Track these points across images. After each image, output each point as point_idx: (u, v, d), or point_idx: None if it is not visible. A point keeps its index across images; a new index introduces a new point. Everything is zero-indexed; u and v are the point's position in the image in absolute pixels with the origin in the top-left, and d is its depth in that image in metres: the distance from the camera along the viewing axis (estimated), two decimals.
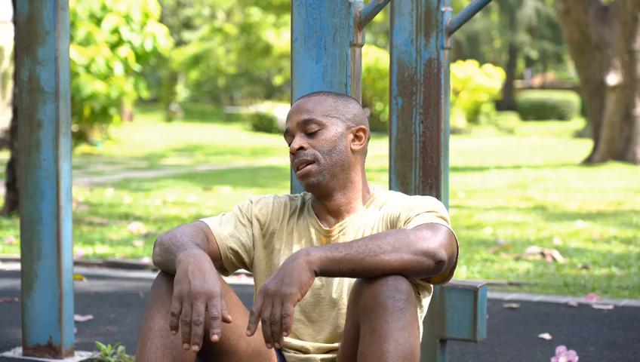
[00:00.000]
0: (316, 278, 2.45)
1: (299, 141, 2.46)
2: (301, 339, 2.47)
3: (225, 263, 2.52)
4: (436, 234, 2.23)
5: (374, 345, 2.15)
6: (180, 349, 2.25)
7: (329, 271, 2.16)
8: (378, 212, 2.49)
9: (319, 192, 2.48)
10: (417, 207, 2.38)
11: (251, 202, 2.56)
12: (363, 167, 2.54)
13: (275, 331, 2.12)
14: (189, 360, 2.27)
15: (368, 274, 2.18)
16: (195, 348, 2.09)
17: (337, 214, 2.50)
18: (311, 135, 2.46)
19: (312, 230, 2.51)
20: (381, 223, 2.45)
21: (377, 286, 2.17)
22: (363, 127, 2.52)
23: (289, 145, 2.50)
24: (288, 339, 2.47)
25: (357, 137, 2.51)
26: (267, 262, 2.53)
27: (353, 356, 2.26)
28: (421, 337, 2.43)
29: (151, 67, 29.77)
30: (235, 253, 2.51)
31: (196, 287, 2.11)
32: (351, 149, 2.49)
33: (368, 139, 2.55)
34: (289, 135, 2.51)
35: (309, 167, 2.45)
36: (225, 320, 2.12)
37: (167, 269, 2.30)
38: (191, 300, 2.10)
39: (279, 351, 2.49)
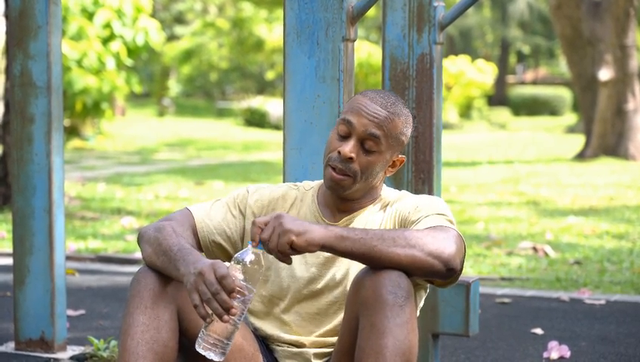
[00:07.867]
0: (317, 277, 2.44)
1: (353, 150, 2.39)
2: (298, 334, 2.45)
3: (206, 255, 2.48)
4: (451, 240, 2.23)
5: (373, 339, 2.15)
6: (161, 344, 2.24)
7: (341, 249, 2.18)
8: (384, 212, 2.46)
9: (338, 197, 2.46)
10: (427, 208, 2.36)
11: (247, 192, 2.53)
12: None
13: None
14: (171, 354, 2.26)
15: (376, 263, 2.19)
16: (234, 311, 2.11)
17: (346, 210, 2.48)
18: (365, 151, 2.40)
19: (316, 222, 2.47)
20: (389, 221, 2.43)
21: (379, 281, 2.17)
22: (403, 158, 2.49)
23: (338, 134, 2.41)
24: (283, 334, 2.46)
25: (394, 164, 2.48)
26: None
27: (351, 348, 2.25)
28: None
29: (143, 62, 29.68)
30: (219, 245, 2.49)
31: (197, 269, 2.13)
32: (384, 172, 2.47)
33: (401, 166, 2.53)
34: (346, 129, 2.40)
35: (344, 178, 2.40)
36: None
37: (163, 272, 2.28)
38: (202, 279, 2.11)
39: (266, 346, 2.47)
